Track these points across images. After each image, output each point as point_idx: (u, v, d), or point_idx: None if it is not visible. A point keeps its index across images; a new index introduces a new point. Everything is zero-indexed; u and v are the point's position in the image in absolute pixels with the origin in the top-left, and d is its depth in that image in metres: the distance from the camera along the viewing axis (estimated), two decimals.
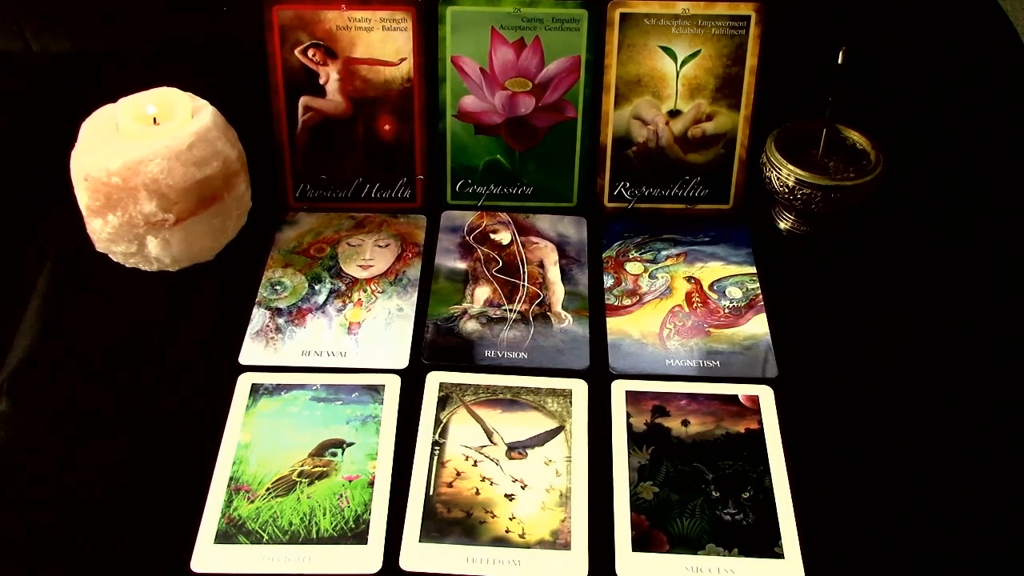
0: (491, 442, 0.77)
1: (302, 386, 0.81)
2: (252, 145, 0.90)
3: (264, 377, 0.81)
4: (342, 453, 0.76)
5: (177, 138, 0.83)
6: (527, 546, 0.71)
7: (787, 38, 0.92)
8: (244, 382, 0.81)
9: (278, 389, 0.81)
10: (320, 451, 0.76)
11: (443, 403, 0.80)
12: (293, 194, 0.96)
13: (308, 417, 0.79)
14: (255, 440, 0.77)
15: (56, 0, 0.98)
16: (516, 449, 0.77)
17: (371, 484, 0.74)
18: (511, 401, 0.80)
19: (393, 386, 0.81)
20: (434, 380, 0.81)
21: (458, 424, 0.78)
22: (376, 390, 0.80)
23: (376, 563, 0.70)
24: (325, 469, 0.75)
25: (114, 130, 0.84)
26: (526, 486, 0.75)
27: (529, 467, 0.76)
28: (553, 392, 0.81)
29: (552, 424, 0.79)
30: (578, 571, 0.70)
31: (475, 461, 0.76)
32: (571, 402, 0.80)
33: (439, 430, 0.78)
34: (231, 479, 0.75)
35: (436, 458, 0.76)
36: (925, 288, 0.89)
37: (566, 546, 0.71)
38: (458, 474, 0.75)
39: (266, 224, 0.94)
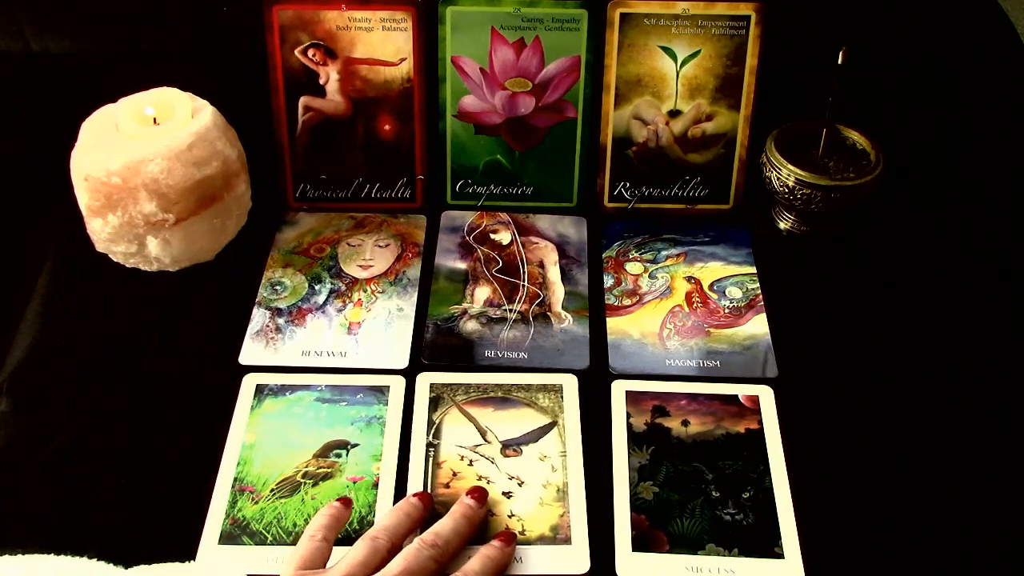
0: (485, 440, 0.77)
1: (307, 387, 0.81)
2: (252, 145, 0.90)
3: (269, 378, 0.81)
4: (346, 454, 0.76)
5: (177, 138, 0.83)
6: (528, 542, 0.71)
7: (787, 38, 0.92)
8: (249, 383, 0.81)
9: (283, 390, 0.81)
10: (324, 452, 0.76)
11: (435, 404, 0.80)
12: (293, 194, 0.96)
13: (313, 418, 0.79)
14: (260, 441, 0.77)
15: (56, 0, 0.98)
16: (510, 446, 0.77)
17: (375, 486, 0.74)
18: (502, 399, 0.80)
19: (398, 387, 0.81)
20: (424, 381, 0.81)
21: (451, 424, 0.78)
22: (381, 391, 0.80)
23: None
24: (329, 470, 0.75)
25: (114, 130, 0.84)
26: (523, 483, 0.75)
27: (525, 464, 0.76)
28: (544, 388, 0.81)
29: (545, 420, 0.79)
30: (580, 565, 0.70)
31: (470, 460, 0.76)
32: (562, 397, 0.80)
33: (432, 431, 0.78)
34: (235, 480, 0.75)
35: (431, 459, 0.76)
36: (925, 288, 0.89)
37: (566, 540, 0.71)
38: (454, 474, 0.75)
39: (266, 224, 0.94)
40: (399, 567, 0.65)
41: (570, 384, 0.81)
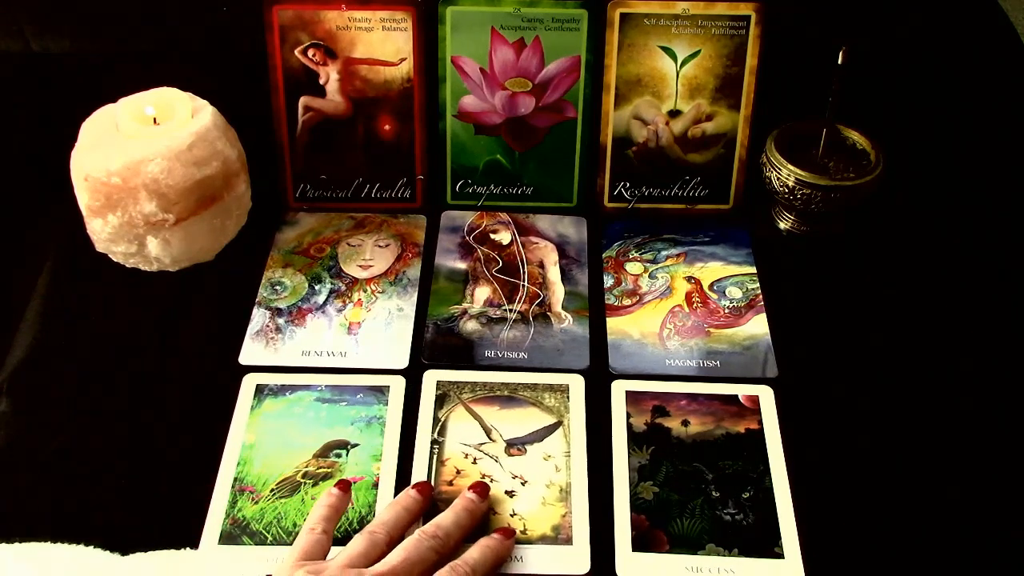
0: (490, 439, 0.78)
1: (307, 387, 0.81)
2: (252, 145, 0.90)
3: (269, 378, 0.81)
4: (346, 454, 0.76)
5: (177, 138, 0.83)
6: (529, 542, 0.71)
7: (787, 38, 0.92)
8: (249, 383, 0.81)
9: (283, 390, 0.81)
10: (324, 452, 0.76)
11: (441, 401, 0.80)
12: (293, 194, 0.96)
13: (313, 418, 0.79)
14: (260, 441, 0.77)
15: (56, 0, 0.98)
16: (515, 445, 0.77)
17: (375, 486, 0.74)
18: (508, 398, 0.80)
19: (398, 387, 0.81)
20: (431, 378, 0.81)
21: (456, 422, 0.78)
22: (381, 391, 0.80)
23: None
24: (329, 470, 0.75)
25: (114, 130, 0.84)
26: (526, 482, 0.75)
27: (528, 463, 0.76)
28: (550, 388, 0.81)
29: (550, 420, 0.79)
30: (580, 565, 0.70)
31: (474, 459, 0.76)
32: (568, 397, 0.80)
33: (437, 428, 0.78)
34: (235, 480, 0.75)
35: (436, 457, 0.76)
36: (925, 288, 0.89)
37: (568, 541, 0.71)
38: (458, 472, 0.75)
39: (266, 224, 0.94)
40: (399, 557, 0.65)
41: (576, 384, 0.81)
